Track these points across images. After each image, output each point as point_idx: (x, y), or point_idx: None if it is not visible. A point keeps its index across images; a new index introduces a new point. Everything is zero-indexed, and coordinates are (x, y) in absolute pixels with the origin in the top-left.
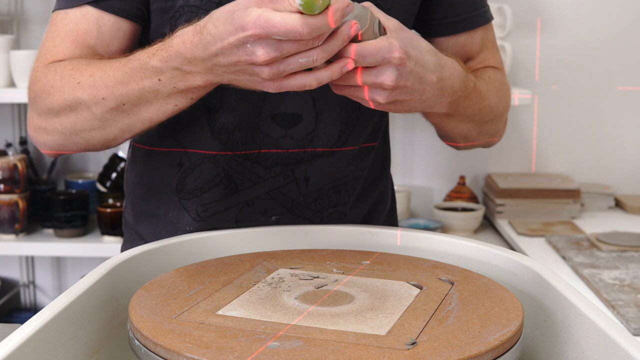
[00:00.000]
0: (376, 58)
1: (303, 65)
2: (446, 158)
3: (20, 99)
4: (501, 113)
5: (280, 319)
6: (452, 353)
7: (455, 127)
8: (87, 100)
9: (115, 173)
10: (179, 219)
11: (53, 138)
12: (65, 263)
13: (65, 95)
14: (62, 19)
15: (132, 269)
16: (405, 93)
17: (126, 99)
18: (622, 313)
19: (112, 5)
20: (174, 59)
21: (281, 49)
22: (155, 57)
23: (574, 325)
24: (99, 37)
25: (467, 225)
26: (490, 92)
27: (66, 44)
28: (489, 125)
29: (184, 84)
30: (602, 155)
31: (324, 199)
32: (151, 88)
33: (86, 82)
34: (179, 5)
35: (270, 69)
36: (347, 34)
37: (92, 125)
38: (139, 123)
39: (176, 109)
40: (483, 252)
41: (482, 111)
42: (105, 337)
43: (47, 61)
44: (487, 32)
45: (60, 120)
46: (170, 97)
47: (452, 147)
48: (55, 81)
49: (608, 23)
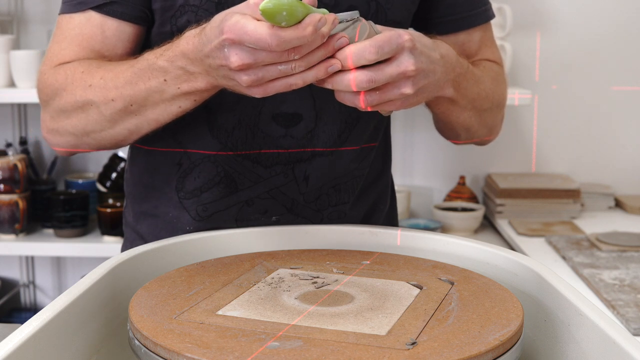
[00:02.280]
0: (392, 46)
1: (282, 72)
2: (446, 158)
3: (20, 99)
4: (498, 103)
5: (280, 319)
6: (452, 353)
7: (459, 116)
8: (97, 101)
9: (115, 173)
10: (179, 219)
11: (65, 139)
12: (65, 263)
13: (76, 97)
14: (68, 23)
15: (132, 269)
16: (424, 77)
17: (134, 100)
18: (622, 313)
19: (115, 9)
20: (179, 58)
21: (255, 57)
22: (162, 58)
23: (574, 325)
24: (103, 41)
25: (467, 225)
26: (485, 78)
27: (72, 48)
28: (487, 115)
29: (188, 86)
30: (602, 155)
31: (324, 198)
32: (157, 88)
33: (97, 84)
34: (179, 5)
35: (248, 76)
36: (333, 47)
37: (102, 126)
38: (146, 124)
39: (180, 110)
40: (483, 252)
41: (480, 95)
42: (105, 337)
43: (54, 64)
44: (486, 30)
45: (71, 121)
46: (174, 98)
47: (453, 143)
48: (67, 84)
49: (608, 23)
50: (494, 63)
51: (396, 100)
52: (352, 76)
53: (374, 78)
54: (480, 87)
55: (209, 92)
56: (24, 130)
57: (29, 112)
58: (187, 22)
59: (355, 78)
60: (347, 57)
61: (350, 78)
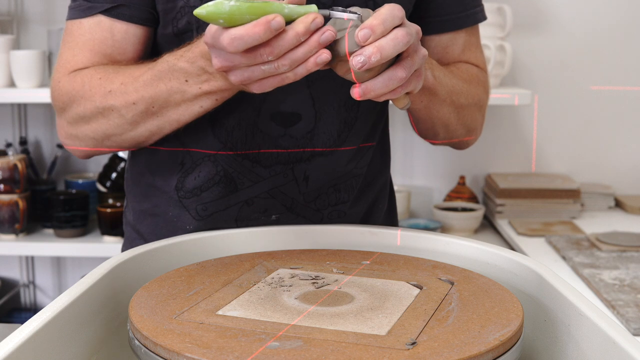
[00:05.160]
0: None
1: (267, 72)
2: (446, 158)
3: (20, 99)
4: (476, 102)
5: (280, 319)
6: (452, 353)
7: (439, 110)
8: (118, 106)
9: (115, 173)
10: (179, 218)
11: (86, 144)
12: (65, 263)
13: (96, 103)
14: (78, 28)
15: (132, 269)
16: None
17: (155, 101)
18: (622, 313)
19: (123, 12)
20: (198, 59)
21: (231, 59)
22: (182, 59)
23: (574, 325)
24: (114, 45)
25: (467, 225)
26: (456, 73)
27: (84, 54)
28: (466, 112)
29: (209, 85)
30: (602, 155)
31: (324, 197)
32: (179, 89)
33: (117, 90)
34: (180, 6)
35: (235, 77)
36: (318, 42)
37: (123, 130)
38: (167, 124)
39: (202, 110)
40: (483, 252)
41: (455, 88)
42: (105, 337)
43: (67, 71)
44: (471, 34)
45: (91, 126)
46: (196, 98)
47: (431, 144)
48: (85, 90)
49: (608, 23)
50: (475, 66)
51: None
52: (393, 35)
53: (408, 31)
54: (453, 81)
55: (230, 92)
56: (24, 130)
57: (29, 112)
58: (187, 24)
59: (397, 35)
60: (385, 19)
61: (393, 37)
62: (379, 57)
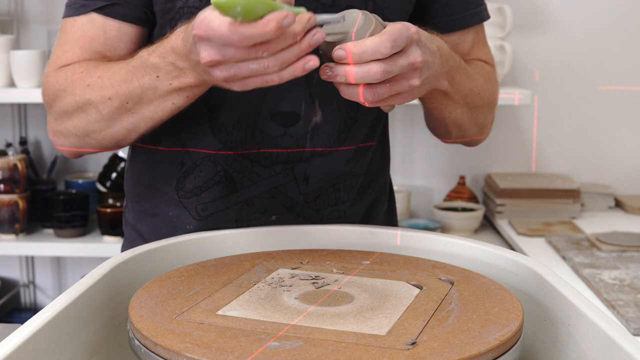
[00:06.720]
0: (403, 38)
1: (254, 71)
2: (446, 158)
3: (20, 99)
4: (490, 102)
5: (280, 319)
6: (452, 353)
7: (452, 111)
8: (95, 101)
9: (115, 173)
10: (179, 218)
11: (69, 140)
12: (65, 263)
13: (76, 97)
14: (71, 26)
15: (132, 269)
16: (427, 68)
17: (129, 97)
18: (622, 313)
19: (116, 11)
20: (169, 54)
21: (223, 53)
22: (154, 54)
23: (574, 325)
24: (105, 43)
25: (467, 225)
26: (477, 75)
27: (75, 50)
28: (479, 112)
29: (178, 82)
30: (602, 155)
31: (324, 197)
32: (150, 85)
33: (95, 84)
34: (179, 7)
35: (221, 72)
36: (309, 44)
37: (101, 126)
38: (142, 122)
39: (174, 107)
40: (483, 252)
41: (472, 91)
42: (105, 337)
43: (57, 66)
44: (478, 32)
45: (72, 122)
46: (167, 95)
47: (443, 142)
48: (67, 85)
49: (607, 23)
50: (486, 63)
51: (404, 92)
52: (366, 68)
53: (388, 69)
54: (472, 83)
55: (200, 89)
56: (24, 130)
57: (29, 112)
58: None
59: (370, 70)
60: (364, 51)
61: (365, 70)
62: (343, 80)
